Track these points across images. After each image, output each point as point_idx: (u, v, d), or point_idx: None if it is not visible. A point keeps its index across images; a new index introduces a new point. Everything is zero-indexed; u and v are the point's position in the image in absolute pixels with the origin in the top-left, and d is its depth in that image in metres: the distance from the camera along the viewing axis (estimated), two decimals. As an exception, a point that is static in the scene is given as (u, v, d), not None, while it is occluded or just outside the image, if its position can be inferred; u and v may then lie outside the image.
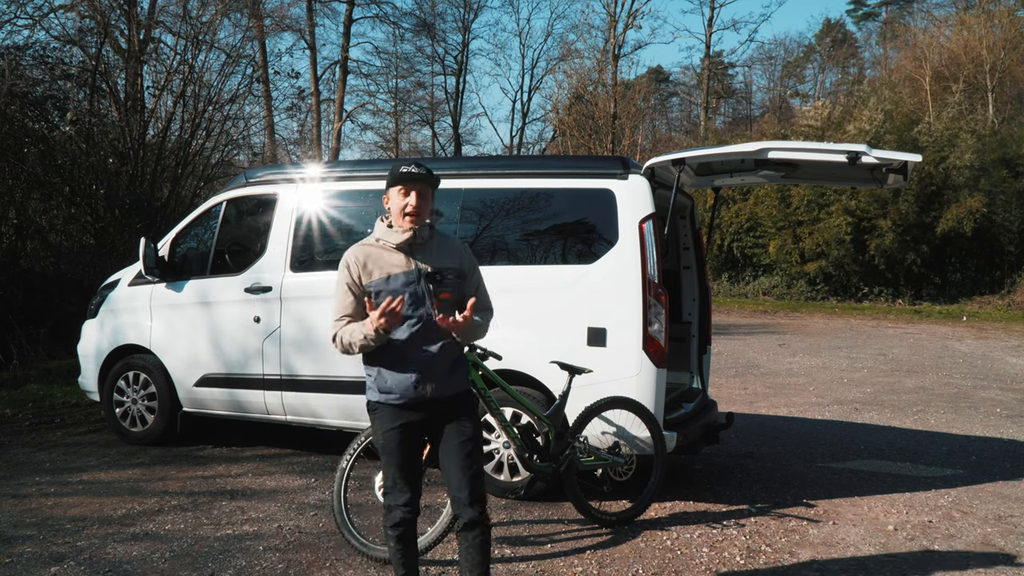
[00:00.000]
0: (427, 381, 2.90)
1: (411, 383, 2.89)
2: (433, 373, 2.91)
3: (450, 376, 2.97)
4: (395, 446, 2.95)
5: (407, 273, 2.90)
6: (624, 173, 4.82)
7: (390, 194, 2.96)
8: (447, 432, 2.98)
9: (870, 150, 4.36)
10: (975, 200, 20.72)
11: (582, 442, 4.47)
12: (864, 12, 51.96)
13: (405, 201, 2.90)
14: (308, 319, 5.41)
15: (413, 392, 2.90)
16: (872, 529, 4.47)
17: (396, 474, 2.98)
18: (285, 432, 6.36)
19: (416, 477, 3.03)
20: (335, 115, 33.37)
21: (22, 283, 10.23)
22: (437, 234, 3.06)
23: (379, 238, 2.97)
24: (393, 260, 2.92)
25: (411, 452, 2.99)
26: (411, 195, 2.89)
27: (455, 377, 3.00)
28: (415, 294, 2.89)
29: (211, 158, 14.30)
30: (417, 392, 2.90)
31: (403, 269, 2.91)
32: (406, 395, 2.90)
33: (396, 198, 2.93)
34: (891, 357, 12.22)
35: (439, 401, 2.94)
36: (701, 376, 5.89)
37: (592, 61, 33.85)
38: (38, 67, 11.83)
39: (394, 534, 3.00)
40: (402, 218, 2.92)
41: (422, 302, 2.89)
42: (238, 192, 5.99)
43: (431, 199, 2.98)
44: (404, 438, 2.94)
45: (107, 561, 3.86)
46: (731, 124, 45.88)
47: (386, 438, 2.96)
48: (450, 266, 2.98)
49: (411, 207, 2.89)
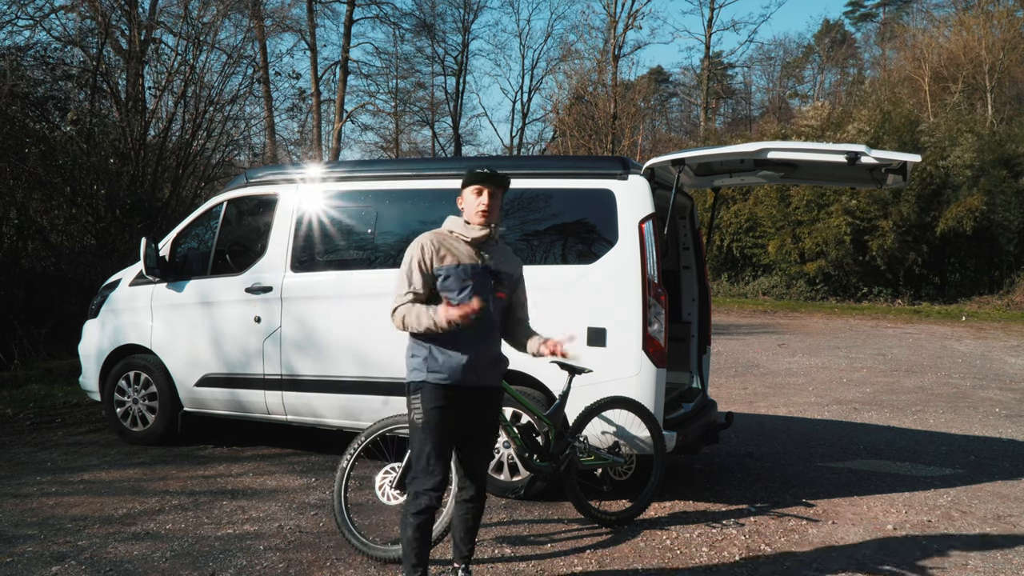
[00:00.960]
0: (475, 367, 3.12)
1: (461, 366, 3.09)
2: (481, 361, 3.15)
3: (492, 368, 3.24)
4: (435, 424, 3.10)
5: (475, 265, 3.14)
6: (624, 173, 4.83)
7: (464, 194, 3.21)
8: (476, 421, 3.23)
9: (869, 150, 4.37)
10: (975, 199, 20.73)
11: (582, 442, 4.48)
12: (862, 13, 52.01)
13: (479, 200, 3.13)
14: (309, 319, 5.42)
15: (461, 375, 3.10)
16: (871, 528, 4.49)
17: (432, 453, 3.11)
18: (286, 432, 6.37)
19: (448, 461, 3.19)
20: (335, 115, 33.39)
21: (23, 283, 10.25)
22: (502, 240, 3.38)
23: (452, 230, 3.21)
24: (464, 251, 3.17)
25: (449, 433, 3.15)
26: (484, 195, 3.13)
27: (496, 370, 3.28)
28: (478, 286, 3.12)
29: (212, 158, 14.32)
30: (464, 375, 3.10)
31: (472, 261, 3.15)
32: (454, 377, 3.10)
33: (470, 198, 3.17)
34: (890, 357, 12.24)
35: (478, 389, 3.18)
36: (701, 376, 5.90)
37: (592, 61, 33.93)
38: (39, 68, 11.84)
39: (415, 522, 3.11)
40: (476, 215, 3.16)
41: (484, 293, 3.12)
42: (239, 192, 6.00)
43: (501, 200, 3.22)
44: (445, 418, 3.12)
45: (108, 560, 3.87)
46: (731, 124, 45.91)
47: (428, 415, 3.10)
48: (509, 270, 3.28)
49: (484, 205, 3.12)
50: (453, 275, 3.10)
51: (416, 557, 3.14)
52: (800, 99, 45.62)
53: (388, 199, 5.44)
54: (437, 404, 3.10)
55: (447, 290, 3.12)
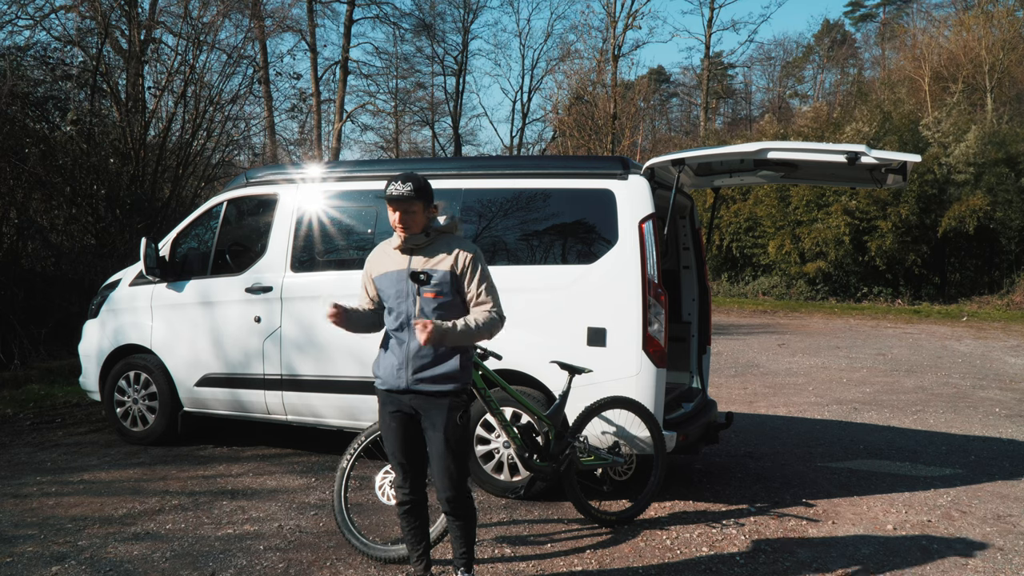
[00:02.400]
0: (403, 370, 3.19)
1: (393, 369, 3.21)
2: (409, 364, 3.18)
3: (428, 371, 3.18)
4: (385, 429, 3.30)
5: (399, 272, 3.24)
6: (624, 173, 4.83)
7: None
8: (427, 427, 3.23)
9: (869, 150, 4.37)
10: (979, 198, 20.72)
11: (582, 442, 4.48)
12: (862, 13, 52.01)
13: (393, 216, 3.22)
14: (309, 319, 5.42)
15: (392, 380, 3.21)
16: (871, 529, 4.49)
17: (392, 458, 3.32)
18: (286, 432, 6.37)
19: (410, 463, 3.31)
20: (335, 115, 33.37)
21: (23, 283, 10.25)
22: (444, 236, 3.29)
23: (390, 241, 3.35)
24: (393, 259, 3.27)
25: (402, 437, 3.26)
26: (396, 214, 3.19)
27: (436, 373, 3.18)
28: (400, 291, 3.22)
29: (212, 158, 14.32)
30: (395, 380, 3.20)
31: (396, 267, 3.25)
32: (387, 381, 3.23)
33: (390, 214, 3.24)
34: (890, 357, 12.24)
35: (416, 393, 3.19)
36: (701, 376, 5.90)
37: (592, 61, 33.91)
38: (39, 68, 11.85)
39: (399, 511, 3.40)
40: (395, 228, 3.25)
41: (405, 298, 3.20)
42: (239, 192, 6.00)
43: (420, 210, 3.19)
44: (394, 423, 3.25)
45: (108, 561, 3.87)
46: (731, 124, 45.92)
47: (380, 417, 3.32)
48: (440, 266, 3.21)
49: (395, 223, 3.21)
50: (381, 285, 3.27)
51: (411, 545, 3.43)
52: (800, 99, 45.65)
53: (388, 199, 5.43)
54: (383, 408, 3.27)
55: (383, 300, 3.29)
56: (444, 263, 3.20)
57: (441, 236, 3.27)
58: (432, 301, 3.17)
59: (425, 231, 3.22)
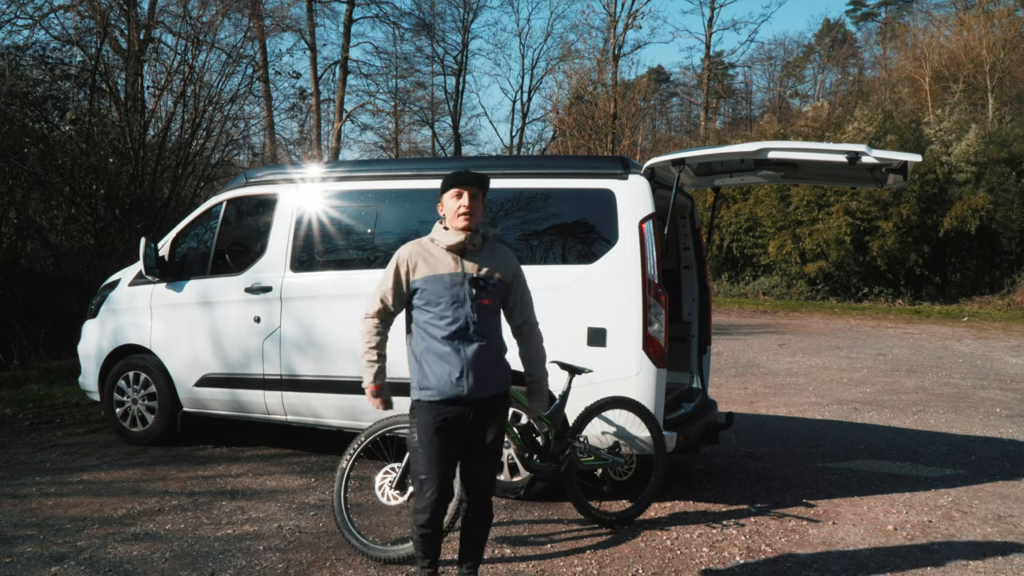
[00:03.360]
0: (464, 379, 3.02)
1: (451, 380, 3.01)
2: (470, 372, 3.02)
3: (487, 378, 3.07)
4: (428, 441, 3.05)
5: (453, 275, 3.06)
6: (624, 173, 4.82)
7: (444, 199, 3.13)
8: (476, 433, 3.11)
9: (870, 150, 4.37)
10: (980, 198, 20.72)
11: (582, 442, 4.47)
12: (863, 12, 52.00)
13: (459, 203, 3.06)
14: (308, 319, 5.41)
15: (451, 389, 3.01)
16: (872, 529, 4.48)
17: (424, 473, 3.07)
18: (285, 432, 6.36)
19: (445, 481, 3.10)
20: (335, 115, 33.36)
21: (22, 283, 10.24)
22: (491, 241, 3.22)
23: (434, 238, 3.14)
24: (443, 260, 3.09)
25: (444, 450, 3.07)
26: (463, 197, 3.05)
27: (492, 379, 3.11)
28: (457, 296, 3.04)
29: (211, 158, 14.32)
30: (455, 389, 3.01)
31: (450, 270, 3.07)
32: (444, 392, 3.02)
33: (450, 202, 3.09)
34: (891, 357, 12.23)
35: (475, 401, 3.05)
36: (701, 376, 5.89)
37: (592, 61, 33.91)
38: (38, 67, 11.84)
39: (416, 532, 3.14)
40: (456, 219, 3.08)
41: (463, 303, 3.04)
42: (238, 192, 5.99)
43: (483, 201, 3.13)
44: (439, 435, 3.04)
45: (107, 561, 3.87)
46: (731, 124, 45.92)
47: (421, 434, 3.06)
48: (496, 274, 3.13)
49: (464, 208, 3.05)
50: (429, 288, 3.05)
51: (423, 553, 3.20)
52: (800, 99, 45.64)
53: (388, 199, 5.43)
54: (429, 422, 3.05)
55: (424, 305, 3.08)
56: (498, 270, 3.14)
57: (487, 241, 3.19)
58: (486, 308, 3.09)
59: (480, 232, 3.13)
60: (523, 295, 3.26)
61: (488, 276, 3.09)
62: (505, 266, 3.18)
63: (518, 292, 3.24)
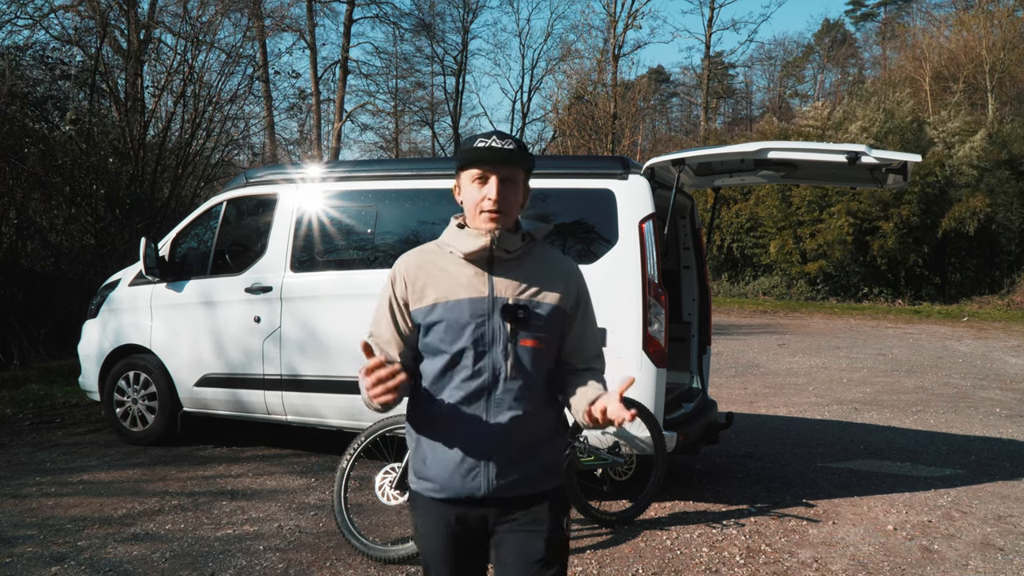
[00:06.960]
0: (484, 468, 1.87)
1: (460, 470, 1.88)
2: (496, 457, 1.88)
3: (524, 464, 1.91)
4: (432, 553, 1.96)
5: (475, 301, 1.87)
6: (624, 173, 4.82)
7: (461, 181, 1.91)
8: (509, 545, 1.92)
9: (870, 150, 4.37)
10: (979, 199, 20.74)
11: (582, 442, 4.47)
12: (863, 12, 52.03)
13: (483, 191, 1.85)
14: (309, 319, 5.42)
15: (460, 483, 1.88)
16: (872, 529, 4.48)
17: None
18: (285, 432, 6.36)
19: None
20: (335, 115, 33.35)
21: (23, 283, 10.25)
22: (540, 245, 1.99)
23: (447, 243, 1.94)
24: (459, 278, 1.89)
25: (459, 567, 1.95)
26: (490, 182, 1.85)
27: (533, 466, 1.92)
28: (481, 334, 1.86)
29: (211, 158, 14.32)
30: (466, 484, 1.88)
31: (470, 294, 1.87)
32: (450, 487, 1.89)
33: (470, 188, 1.88)
34: (891, 357, 12.23)
35: (502, 502, 1.90)
36: (701, 376, 5.89)
37: (592, 61, 33.92)
38: (38, 67, 11.84)
39: None
40: (478, 215, 1.88)
41: (489, 347, 1.87)
42: (238, 192, 6.00)
43: (522, 183, 1.91)
44: (448, 547, 1.93)
45: (107, 561, 3.87)
46: (731, 124, 45.92)
47: (422, 542, 2.00)
48: (546, 299, 1.91)
49: (491, 201, 1.84)
50: (449, 316, 1.87)
51: None
52: (800, 99, 45.65)
53: (388, 199, 5.43)
54: (430, 527, 1.95)
55: (434, 348, 1.90)
56: (550, 292, 1.92)
57: (532, 244, 1.96)
58: (529, 351, 1.88)
59: (519, 230, 1.92)
60: (588, 327, 2.05)
61: (532, 301, 1.89)
62: (561, 284, 1.95)
63: (582, 324, 2.02)
